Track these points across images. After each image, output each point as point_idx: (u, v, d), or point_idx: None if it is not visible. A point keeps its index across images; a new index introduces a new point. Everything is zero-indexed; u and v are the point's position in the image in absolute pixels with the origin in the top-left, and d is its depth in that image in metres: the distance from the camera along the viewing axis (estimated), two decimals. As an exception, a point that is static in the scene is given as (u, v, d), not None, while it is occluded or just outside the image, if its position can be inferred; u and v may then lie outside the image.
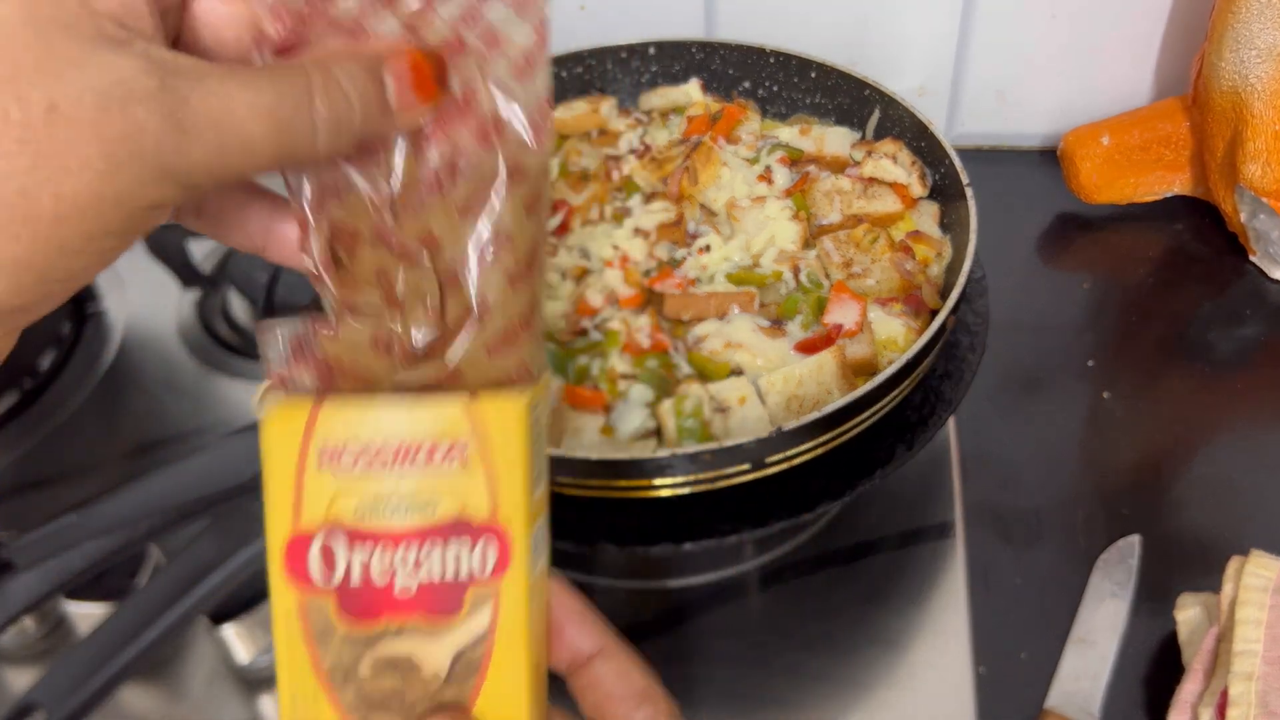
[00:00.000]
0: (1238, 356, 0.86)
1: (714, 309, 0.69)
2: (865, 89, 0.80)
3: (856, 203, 0.74)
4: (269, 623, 0.37)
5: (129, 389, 0.90)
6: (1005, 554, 0.74)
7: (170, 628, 0.54)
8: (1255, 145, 0.86)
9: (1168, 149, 0.97)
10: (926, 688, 0.66)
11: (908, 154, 0.77)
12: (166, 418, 0.87)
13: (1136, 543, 0.73)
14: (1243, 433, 0.81)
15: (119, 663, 0.53)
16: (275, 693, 0.69)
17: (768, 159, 0.79)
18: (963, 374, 0.69)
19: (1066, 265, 0.96)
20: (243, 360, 0.91)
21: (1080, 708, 0.65)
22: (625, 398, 0.65)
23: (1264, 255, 0.92)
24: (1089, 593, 0.71)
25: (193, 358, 0.92)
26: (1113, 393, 0.84)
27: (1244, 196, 0.90)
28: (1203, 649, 0.63)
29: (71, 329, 0.96)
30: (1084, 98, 1.03)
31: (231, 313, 0.96)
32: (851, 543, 0.74)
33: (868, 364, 0.65)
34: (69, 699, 0.51)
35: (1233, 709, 0.59)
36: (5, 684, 0.71)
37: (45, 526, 0.49)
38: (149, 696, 0.70)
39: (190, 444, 0.84)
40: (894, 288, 0.70)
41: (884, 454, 0.65)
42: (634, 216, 0.76)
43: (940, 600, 0.71)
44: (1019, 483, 0.78)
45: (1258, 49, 0.84)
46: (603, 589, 0.74)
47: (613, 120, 0.84)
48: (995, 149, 1.07)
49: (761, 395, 0.63)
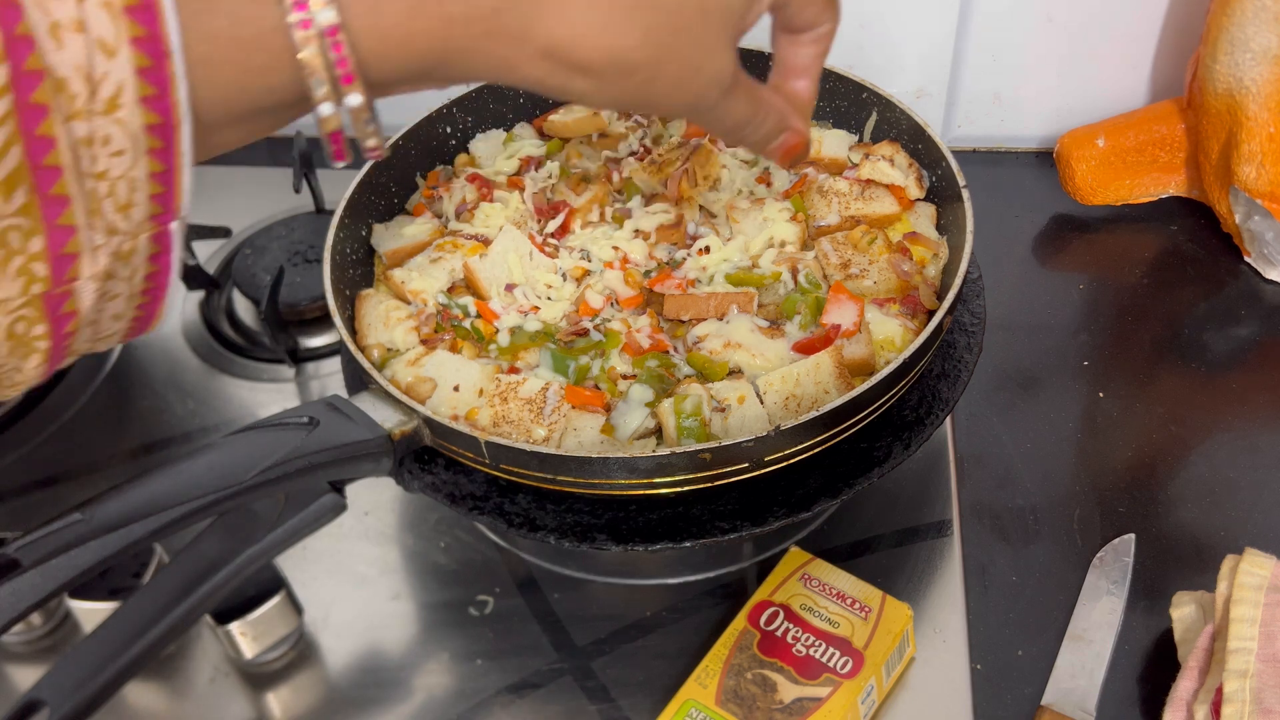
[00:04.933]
0: (1232, 356, 0.87)
1: (713, 309, 0.69)
2: (863, 92, 0.80)
3: (854, 204, 0.75)
4: (269, 622, 0.40)
5: (133, 388, 0.91)
6: (1002, 552, 0.74)
7: (174, 626, 0.54)
8: (1250, 147, 0.87)
9: (1163, 151, 0.97)
10: (923, 685, 0.67)
11: (905, 156, 0.78)
12: (171, 417, 0.88)
13: (1132, 541, 0.73)
14: (1238, 432, 0.81)
15: (123, 661, 0.53)
16: (277, 691, 0.70)
17: (766, 161, 0.79)
18: (959, 374, 0.70)
19: (1062, 266, 0.97)
20: (246, 360, 0.92)
21: (1076, 705, 0.65)
22: (625, 397, 0.65)
23: (1258, 256, 0.92)
24: (1085, 591, 0.71)
25: (197, 358, 0.92)
26: (1108, 392, 0.84)
27: (1238, 198, 0.90)
28: (1198, 647, 0.63)
29: (74, 330, 0.96)
30: (1080, 100, 1.03)
31: (235, 313, 0.96)
32: (849, 541, 0.75)
33: (865, 364, 0.65)
34: (73, 697, 0.51)
35: (1228, 706, 0.59)
36: (10, 681, 0.72)
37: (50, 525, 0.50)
38: (153, 695, 0.71)
39: (194, 443, 0.85)
40: (891, 288, 0.70)
41: (881, 453, 0.66)
42: (634, 218, 0.76)
43: (937, 598, 0.71)
44: (1015, 481, 0.79)
45: (1252, 52, 0.85)
46: (603, 586, 0.75)
47: (613, 123, 0.84)
48: (992, 151, 1.08)
49: (760, 395, 0.64)
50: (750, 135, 0.52)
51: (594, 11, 0.41)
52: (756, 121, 0.51)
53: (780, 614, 0.65)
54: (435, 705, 0.69)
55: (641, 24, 0.42)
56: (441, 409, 0.65)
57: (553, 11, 0.41)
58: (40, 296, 0.37)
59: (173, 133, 0.37)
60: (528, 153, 0.82)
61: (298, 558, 0.75)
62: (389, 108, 0.63)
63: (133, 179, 0.37)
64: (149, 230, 0.39)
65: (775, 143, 0.53)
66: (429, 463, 0.67)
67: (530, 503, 0.65)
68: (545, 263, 0.74)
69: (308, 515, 0.58)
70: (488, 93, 0.84)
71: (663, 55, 0.44)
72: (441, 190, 0.79)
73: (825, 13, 0.52)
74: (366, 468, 0.61)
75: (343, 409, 0.61)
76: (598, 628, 0.72)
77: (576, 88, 0.43)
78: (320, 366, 0.91)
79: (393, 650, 0.72)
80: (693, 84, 0.46)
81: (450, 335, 0.70)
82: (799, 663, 0.63)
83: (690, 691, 0.62)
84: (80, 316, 0.39)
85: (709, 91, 0.47)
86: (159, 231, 0.39)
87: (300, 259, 0.96)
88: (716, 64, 0.46)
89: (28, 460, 0.86)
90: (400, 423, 0.62)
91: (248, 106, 0.39)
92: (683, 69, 0.45)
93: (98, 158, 0.36)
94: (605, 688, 0.68)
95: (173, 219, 0.39)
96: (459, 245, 0.74)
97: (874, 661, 0.63)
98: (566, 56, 0.42)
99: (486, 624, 0.72)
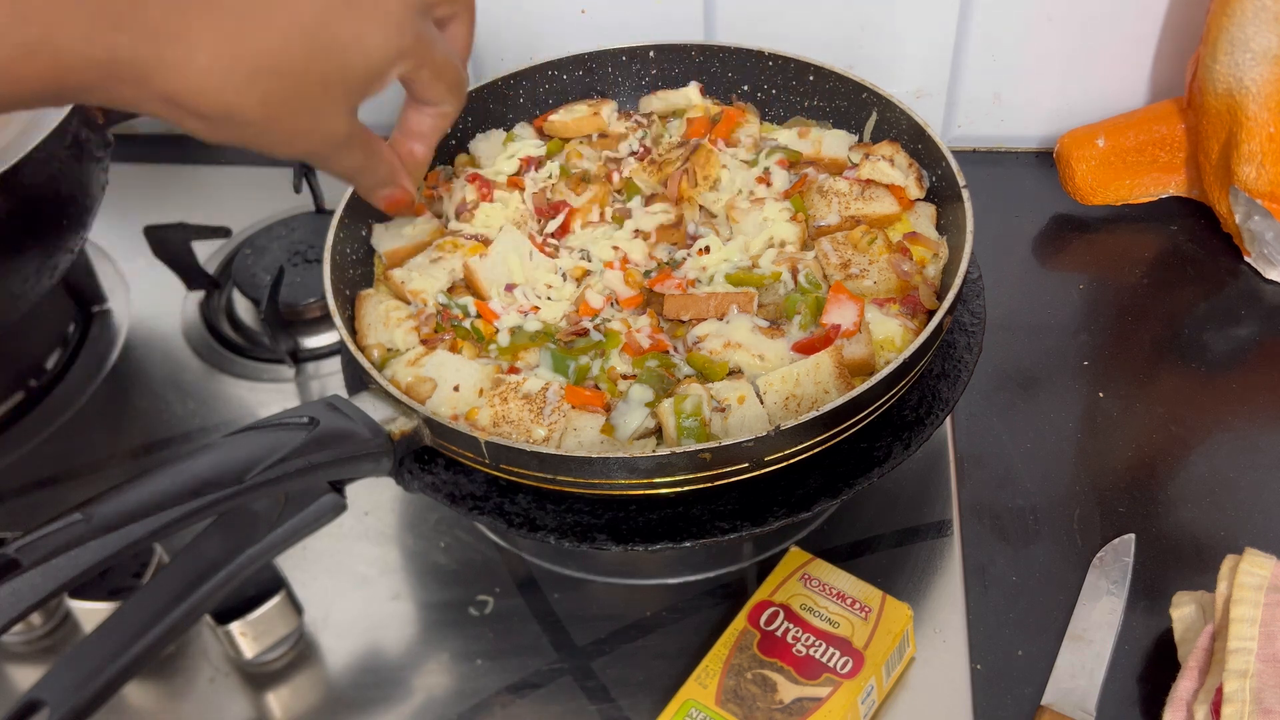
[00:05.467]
0: (1232, 356, 0.87)
1: (713, 309, 0.69)
2: (863, 92, 0.80)
3: (854, 204, 0.75)
4: (269, 622, 0.40)
5: (134, 388, 0.91)
6: (1002, 552, 0.74)
7: (174, 626, 0.54)
8: (1250, 147, 0.87)
9: (1163, 151, 0.98)
10: (923, 685, 0.67)
11: (905, 156, 0.78)
12: (171, 417, 0.88)
13: (1132, 541, 0.73)
14: (1238, 432, 0.81)
15: (123, 661, 0.53)
16: (277, 691, 0.70)
17: (766, 161, 0.79)
18: (959, 374, 0.70)
19: (1062, 266, 0.97)
20: (246, 360, 0.92)
21: (1076, 705, 0.65)
22: (625, 397, 0.65)
23: (1258, 256, 0.92)
24: (1085, 590, 0.71)
25: (197, 358, 0.92)
26: (1108, 392, 0.84)
27: (1238, 198, 0.90)
28: (1198, 647, 0.63)
29: (77, 329, 0.96)
30: (1080, 100, 1.03)
31: (236, 313, 0.96)
32: (849, 541, 0.75)
33: (865, 364, 0.65)
34: (73, 696, 0.51)
35: (1228, 706, 0.59)
36: (10, 681, 0.72)
37: (50, 525, 0.49)
38: (153, 694, 0.71)
39: (194, 443, 0.85)
40: (891, 288, 0.70)
41: (881, 453, 0.66)
42: (634, 218, 0.77)
43: (937, 598, 0.71)
44: (1015, 481, 0.79)
45: (1252, 52, 0.85)
46: (603, 586, 0.75)
47: (613, 123, 0.84)
48: (992, 151, 1.08)
49: (760, 395, 0.64)
50: (362, 181, 0.60)
51: (210, 75, 0.47)
52: (369, 170, 0.59)
53: (780, 614, 0.65)
54: (435, 705, 0.69)
55: (260, 89, 0.49)
56: (441, 409, 0.65)
57: (172, 68, 0.47)
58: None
59: None
60: (528, 153, 0.82)
61: (298, 558, 0.75)
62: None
63: None
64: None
65: (383, 192, 0.61)
66: (429, 463, 0.67)
67: (530, 503, 0.65)
68: (545, 263, 0.74)
69: (308, 515, 0.58)
70: (488, 93, 0.84)
71: (277, 114, 0.50)
72: (441, 190, 0.79)
73: (449, 96, 0.59)
74: (366, 468, 0.61)
75: (343, 409, 0.61)
76: (598, 628, 0.72)
77: (190, 126, 0.49)
78: (320, 366, 0.91)
79: (393, 650, 0.72)
80: (305, 140, 0.53)
81: (450, 335, 0.70)
82: (799, 663, 0.63)
83: (690, 691, 0.62)
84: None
85: (320, 148, 0.55)
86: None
87: (300, 259, 0.96)
88: (330, 126, 0.53)
89: (28, 460, 0.86)
90: (400, 423, 0.62)
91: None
92: (296, 128, 0.52)
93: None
94: (605, 688, 0.68)
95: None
96: (459, 245, 0.74)
97: (874, 661, 0.63)
98: (184, 105, 0.48)
99: (486, 624, 0.72)
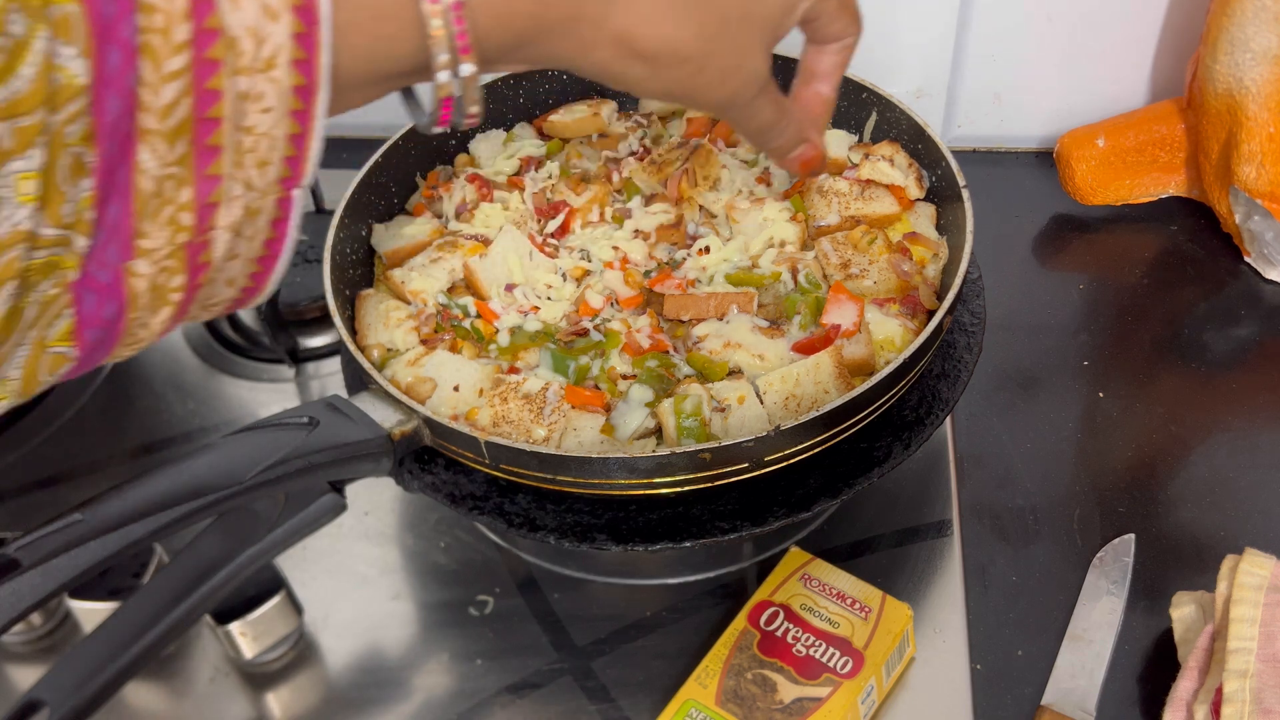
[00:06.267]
0: (1232, 357, 0.87)
1: (713, 309, 0.69)
2: (863, 92, 0.80)
3: (854, 204, 0.75)
4: (269, 622, 0.40)
5: (134, 388, 0.91)
6: (1002, 552, 0.74)
7: (174, 626, 0.54)
8: (1250, 147, 0.87)
9: (1163, 151, 0.98)
10: (923, 685, 0.67)
11: (905, 156, 0.78)
12: (171, 417, 0.88)
13: (1132, 541, 0.73)
14: (1238, 432, 0.81)
15: (123, 661, 0.53)
16: (277, 691, 0.70)
17: (766, 161, 0.79)
18: (959, 374, 0.70)
19: (1062, 266, 0.97)
20: (246, 360, 0.92)
21: (1076, 705, 0.65)
22: (625, 398, 0.65)
23: (1258, 256, 0.92)
24: (1085, 591, 0.71)
25: (197, 358, 0.92)
26: (1108, 392, 0.84)
27: (1238, 198, 0.90)
28: (1198, 647, 0.63)
29: (74, 330, 0.96)
30: (1080, 100, 1.03)
31: (235, 313, 0.96)
32: (849, 541, 0.75)
33: (865, 364, 0.65)
34: (73, 697, 0.51)
35: (1228, 706, 0.59)
36: (10, 682, 0.72)
37: (50, 525, 0.50)
38: (153, 695, 0.71)
39: (194, 443, 0.85)
40: (891, 288, 0.70)
41: (881, 453, 0.66)
42: (634, 218, 0.76)
43: (937, 598, 0.71)
44: (1015, 481, 0.79)
45: (1253, 52, 0.85)
46: (603, 586, 0.75)
47: (613, 123, 0.84)
48: (992, 151, 1.08)
49: (760, 395, 0.64)
50: (773, 140, 0.58)
51: (658, 6, 0.48)
52: (780, 127, 0.57)
53: (780, 614, 0.65)
54: (435, 705, 0.69)
55: (696, 19, 0.49)
56: (441, 409, 0.65)
57: (625, 2, 0.48)
58: (184, 246, 0.40)
59: (312, 96, 0.40)
60: (528, 153, 0.82)
61: (298, 558, 0.75)
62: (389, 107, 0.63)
63: (274, 137, 0.40)
64: (276, 194, 0.42)
65: (795, 153, 0.60)
66: (429, 463, 0.67)
67: (530, 503, 0.65)
68: (545, 263, 0.74)
69: (308, 515, 0.58)
70: (488, 93, 0.84)
71: (711, 49, 0.50)
72: (441, 190, 0.79)
73: (851, 26, 0.58)
74: (366, 468, 0.61)
75: (343, 409, 0.61)
76: (598, 628, 0.72)
77: (634, 74, 0.50)
78: (320, 366, 0.91)
79: (393, 650, 0.72)
80: (732, 80, 0.52)
81: (450, 335, 0.70)
82: (799, 663, 0.63)
83: (690, 691, 0.62)
84: (213, 266, 0.42)
85: (745, 89, 0.53)
86: (283, 197, 0.42)
87: (300, 259, 0.96)
88: (754, 64, 0.53)
89: (28, 460, 0.86)
90: (400, 423, 0.62)
91: (371, 72, 0.43)
92: (726, 64, 0.51)
93: (249, 112, 0.39)
94: (605, 688, 0.68)
95: (297, 184, 0.42)
96: (459, 245, 0.74)
97: (874, 661, 0.63)
98: (631, 43, 0.48)
99: (486, 624, 0.72)
